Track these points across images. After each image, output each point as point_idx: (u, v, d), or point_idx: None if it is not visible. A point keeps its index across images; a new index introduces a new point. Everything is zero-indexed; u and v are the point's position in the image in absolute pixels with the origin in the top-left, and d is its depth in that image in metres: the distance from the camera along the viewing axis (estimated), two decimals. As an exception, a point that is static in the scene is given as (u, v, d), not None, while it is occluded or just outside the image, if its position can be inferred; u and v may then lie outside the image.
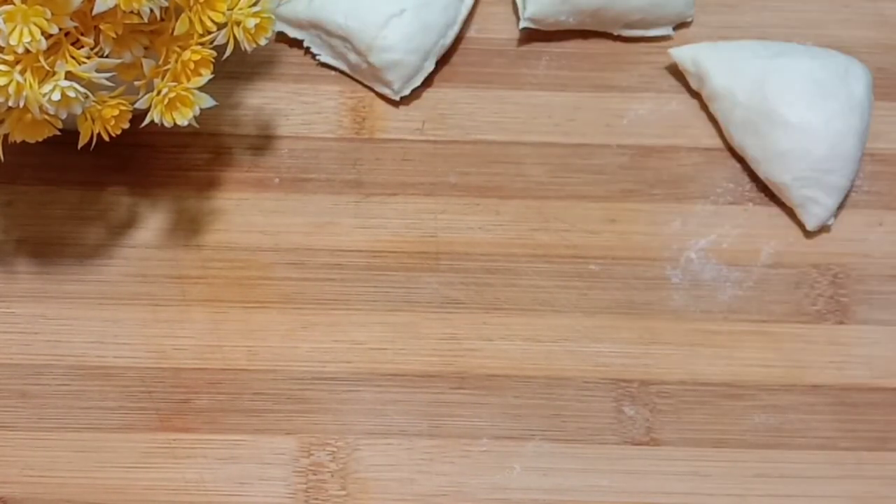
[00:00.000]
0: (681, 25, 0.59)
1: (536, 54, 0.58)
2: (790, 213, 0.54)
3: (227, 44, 0.46)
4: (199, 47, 0.45)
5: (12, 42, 0.41)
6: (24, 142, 0.45)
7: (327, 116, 0.56)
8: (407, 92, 0.56)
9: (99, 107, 0.44)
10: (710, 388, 0.49)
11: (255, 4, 0.46)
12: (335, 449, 0.48)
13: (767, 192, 0.54)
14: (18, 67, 0.42)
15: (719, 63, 0.55)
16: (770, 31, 0.58)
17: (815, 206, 0.53)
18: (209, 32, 0.45)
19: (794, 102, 0.53)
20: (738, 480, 0.47)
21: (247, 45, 0.46)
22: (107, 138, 0.45)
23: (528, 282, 0.52)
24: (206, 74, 0.46)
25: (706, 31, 0.59)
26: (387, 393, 0.49)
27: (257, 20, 0.45)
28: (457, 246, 0.52)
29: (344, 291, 0.51)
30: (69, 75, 0.42)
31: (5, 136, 0.44)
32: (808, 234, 0.53)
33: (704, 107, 0.57)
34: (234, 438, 0.48)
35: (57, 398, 0.48)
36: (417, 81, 0.56)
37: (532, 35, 0.58)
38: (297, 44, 0.57)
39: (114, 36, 0.43)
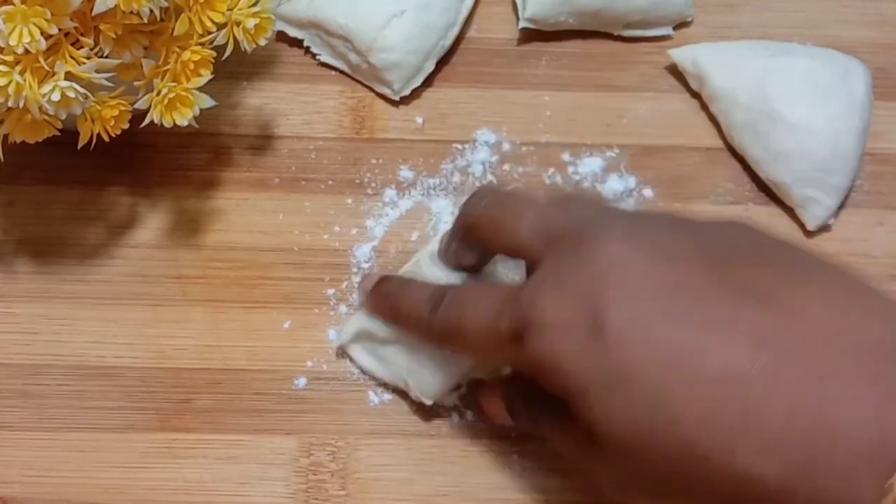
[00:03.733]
0: (681, 25, 0.59)
1: (536, 54, 0.58)
2: (790, 213, 0.54)
3: (227, 44, 0.46)
4: (198, 47, 0.45)
5: (12, 42, 0.41)
6: (24, 142, 0.45)
7: (327, 116, 0.56)
8: (407, 92, 0.56)
9: (99, 107, 0.44)
10: (710, 388, 0.49)
11: (255, 4, 0.46)
12: (335, 449, 0.48)
13: (767, 192, 0.54)
14: (18, 68, 0.42)
15: (719, 64, 0.55)
16: (770, 31, 0.58)
17: (816, 206, 0.53)
18: (209, 32, 0.45)
19: (794, 103, 0.53)
20: (738, 480, 0.47)
21: (247, 45, 0.46)
22: (107, 138, 0.45)
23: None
24: (206, 74, 0.46)
25: (706, 31, 0.59)
26: (386, 393, 0.49)
27: (257, 20, 0.45)
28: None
29: (344, 291, 0.51)
30: (69, 76, 0.42)
31: (5, 136, 0.44)
32: (809, 234, 0.53)
33: (705, 106, 0.57)
34: (234, 438, 0.48)
35: (57, 398, 0.48)
36: (417, 82, 0.56)
37: (532, 35, 0.58)
38: (297, 44, 0.57)
39: (114, 36, 0.43)
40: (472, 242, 0.44)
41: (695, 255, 0.36)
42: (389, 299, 0.46)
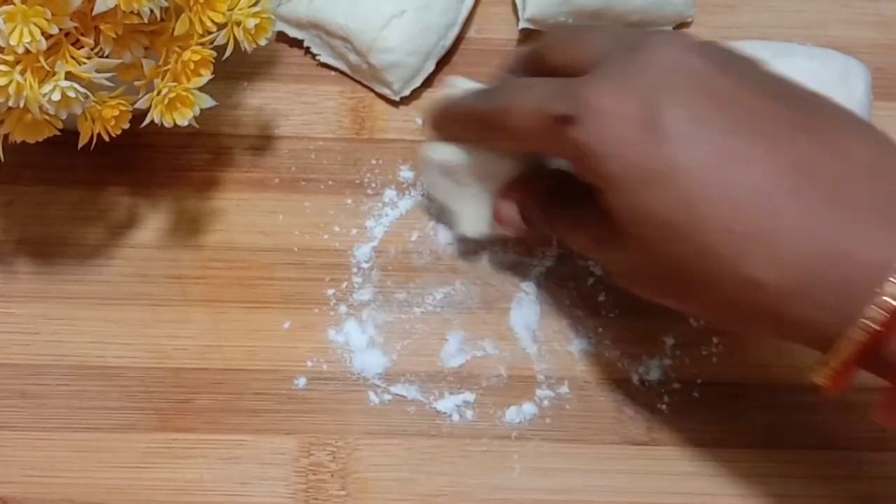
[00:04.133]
0: (681, 25, 0.59)
1: (536, 54, 0.58)
2: (790, 213, 0.54)
3: (227, 44, 0.46)
4: (199, 47, 0.45)
5: (12, 42, 0.41)
6: (24, 142, 0.45)
7: (327, 116, 0.56)
8: (407, 93, 0.56)
9: (99, 107, 0.44)
10: (711, 388, 0.49)
11: (255, 4, 0.46)
12: (335, 449, 0.48)
13: (767, 192, 0.54)
14: (19, 68, 0.42)
15: (719, 63, 0.55)
16: (770, 31, 0.58)
17: (816, 206, 0.53)
18: (209, 32, 0.45)
19: (794, 102, 0.53)
20: (738, 480, 0.47)
21: (247, 46, 0.46)
22: (107, 138, 0.45)
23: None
24: (206, 74, 0.46)
25: (706, 31, 0.59)
26: (387, 393, 0.49)
27: (257, 20, 0.45)
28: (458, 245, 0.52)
29: (344, 291, 0.51)
30: (69, 75, 0.42)
31: (5, 136, 0.44)
32: (808, 234, 0.53)
33: (704, 107, 0.57)
34: (235, 438, 0.48)
35: (57, 398, 0.48)
36: (417, 82, 0.56)
37: (532, 35, 0.58)
38: (297, 44, 0.57)
39: (114, 36, 0.43)
40: (535, 73, 0.45)
41: (753, 81, 0.38)
42: (447, 109, 0.47)
